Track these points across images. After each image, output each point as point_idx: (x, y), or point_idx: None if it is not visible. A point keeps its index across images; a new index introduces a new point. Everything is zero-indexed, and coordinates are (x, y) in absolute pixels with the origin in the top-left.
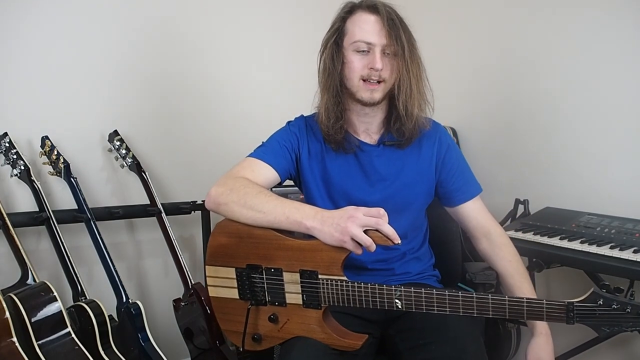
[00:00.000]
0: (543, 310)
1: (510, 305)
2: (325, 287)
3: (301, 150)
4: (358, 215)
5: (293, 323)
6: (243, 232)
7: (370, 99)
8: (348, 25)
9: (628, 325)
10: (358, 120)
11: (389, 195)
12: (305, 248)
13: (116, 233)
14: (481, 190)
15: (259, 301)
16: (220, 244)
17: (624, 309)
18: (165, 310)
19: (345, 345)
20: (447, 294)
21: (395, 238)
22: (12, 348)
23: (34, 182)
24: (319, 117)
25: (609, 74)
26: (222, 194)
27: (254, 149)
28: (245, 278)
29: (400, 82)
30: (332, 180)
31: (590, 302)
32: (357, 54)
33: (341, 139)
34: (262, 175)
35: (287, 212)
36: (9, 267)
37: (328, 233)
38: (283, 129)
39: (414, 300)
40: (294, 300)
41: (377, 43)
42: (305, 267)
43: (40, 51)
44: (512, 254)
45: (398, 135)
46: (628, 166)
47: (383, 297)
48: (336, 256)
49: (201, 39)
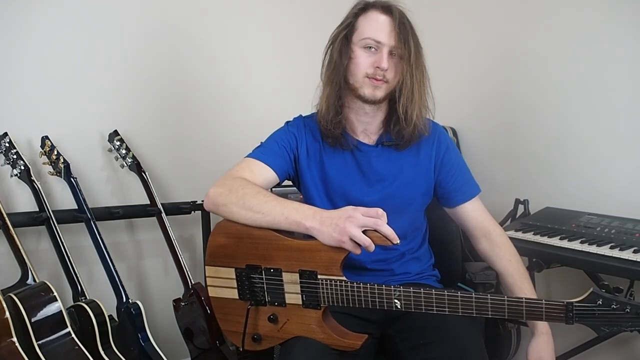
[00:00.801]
0: (542, 311)
1: (509, 305)
2: (324, 287)
3: (300, 151)
4: (356, 216)
5: (293, 323)
6: (242, 233)
7: (372, 95)
8: (360, 21)
9: (627, 325)
10: (357, 119)
11: (387, 195)
12: (305, 248)
13: (116, 233)
14: (480, 191)
15: (258, 301)
16: (220, 245)
17: (623, 309)
18: (165, 310)
19: (345, 345)
20: (446, 294)
21: (394, 238)
22: (12, 348)
23: (34, 182)
24: (319, 111)
25: (609, 74)
26: (220, 195)
27: (253, 149)
28: (245, 278)
29: (402, 86)
30: (330, 180)
31: (590, 302)
32: (364, 51)
33: (339, 135)
34: (260, 176)
35: (285, 212)
36: (9, 267)
37: (327, 233)
38: (282, 129)
39: (413, 300)
40: (293, 301)
41: (386, 43)
42: (304, 268)
43: (41, 51)
44: (511, 254)
45: (397, 138)
46: (628, 166)
47: (382, 298)
48: (335, 256)
49: (201, 39)
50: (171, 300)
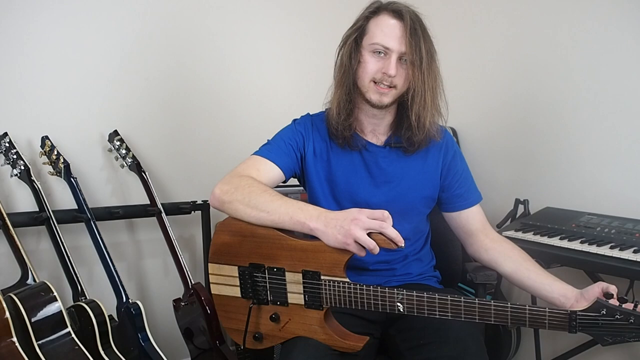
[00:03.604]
0: (545, 318)
1: (512, 312)
2: (327, 288)
3: (306, 149)
4: (362, 218)
5: (294, 323)
6: (246, 231)
7: (378, 101)
8: (370, 25)
9: (631, 336)
10: (366, 120)
11: (393, 197)
12: (308, 249)
13: (116, 233)
14: (482, 199)
15: (261, 300)
16: (224, 242)
17: (627, 319)
18: (165, 310)
19: (346, 346)
20: (450, 299)
21: (399, 241)
22: (12, 348)
23: (34, 182)
24: (329, 112)
25: (609, 75)
26: (226, 192)
27: (260, 147)
28: (248, 277)
29: (414, 92)
30: (336, 180)
31: (594, 311)
32: (373, 56)
33: (349, 136)
34: (267, 174)
35: (290, 212)
36: (9, 267)
37: (331, 235)
38: (289, 126)
39: (416, 304)
40: (295, 301)
41: (395, 49)
42: (307, 268)
43: (41, 51)
44: (510, 249)
45: (408, 143)
46: (628, 166)
47: (385, 300)
48: (339, 258)
49: (202, 40)
50: (171, 300)
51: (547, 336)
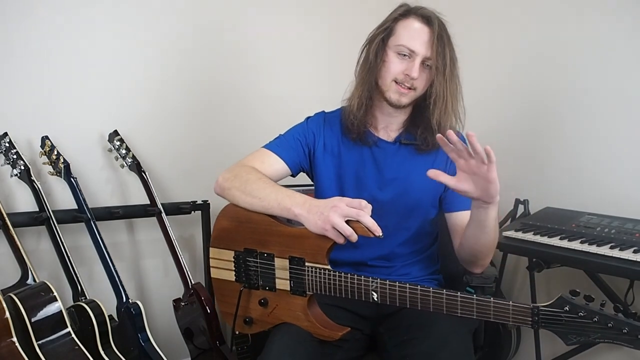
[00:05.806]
0: (509, 312)
1: (477, 304)
2: (310, 274)
3: (316, 146)
4: (340, 205)
5: (281, 309)
6: (242, 217)
7: (397, 101)
8: (398, 27)
9: (596, 336)
10: (381, 117)
11: (399, 194)
12: (295, 235)
13: (116, 233)
14: None
15: (252, 284)
16: (223, 228)
17: (590, 317)
18: (165, 310)
19: (325, 334)
20: (420, 289)
21: (375, 230)
22: (12, 348)
23: (34, 182)
24: (348, 107)
25: (609, 75)
26: (227, 180)
27: (270, 140)
28: (242, 261)
29: (436, 97)
30: (345, 174)
31: (557, 307)
32: (397, 57)
33: (363, 132)
34: (271, 167)
35: (279, 198)
36: (9, 267)
37: (312, 221)
38: (301, 123)
39: (389, 293)
40: (282, 286)
41: (420, 53)
42: (294, 254)
43: (40, 51)
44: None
45: (422, 143)
46: (628, 166)
47: (361, 288)
48: (322, 244)
49: (201, 39)
50: (171, 300)
51: (547, 336)
